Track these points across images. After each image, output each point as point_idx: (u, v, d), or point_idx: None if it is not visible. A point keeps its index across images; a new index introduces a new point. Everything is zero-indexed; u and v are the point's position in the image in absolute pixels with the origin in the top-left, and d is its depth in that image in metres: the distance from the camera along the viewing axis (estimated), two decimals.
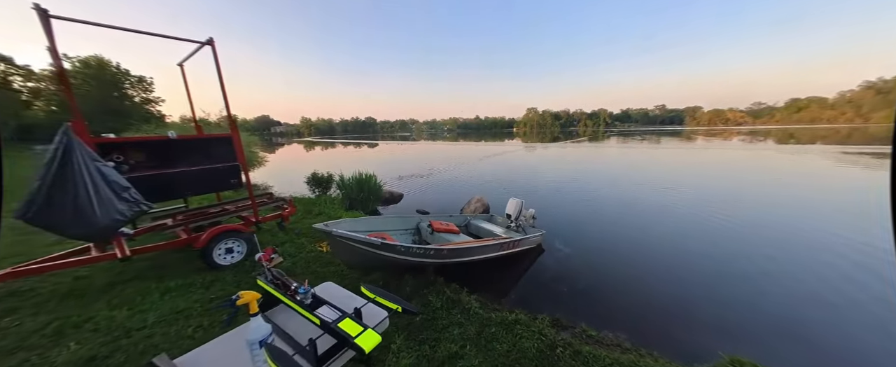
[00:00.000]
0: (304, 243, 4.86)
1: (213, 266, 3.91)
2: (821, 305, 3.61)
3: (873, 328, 3.18)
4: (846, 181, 10.64)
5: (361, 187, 7.81)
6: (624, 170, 14.48)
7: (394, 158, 22.43)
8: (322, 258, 4.30)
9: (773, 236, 5.85)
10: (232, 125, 4.33)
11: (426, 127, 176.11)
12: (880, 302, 3.62)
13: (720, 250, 5.31)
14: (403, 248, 3.43)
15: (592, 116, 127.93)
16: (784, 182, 10.65)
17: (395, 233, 4.91)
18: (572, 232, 6.16)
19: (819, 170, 13.06)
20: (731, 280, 4.22)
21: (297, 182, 10.49)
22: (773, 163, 15.47)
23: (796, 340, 3.02)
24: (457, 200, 8.80)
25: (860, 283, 4.06)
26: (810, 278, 4.27)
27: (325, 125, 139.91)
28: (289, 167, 18.99)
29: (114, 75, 23.94)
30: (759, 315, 3.41)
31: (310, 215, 6.61)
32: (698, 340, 2.92)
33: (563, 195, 9.49)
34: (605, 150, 26.14)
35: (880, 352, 2.90)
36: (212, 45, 3.98)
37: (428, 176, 13.89)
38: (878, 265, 4.50)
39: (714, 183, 10.81)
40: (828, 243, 5.45)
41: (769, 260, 4.82)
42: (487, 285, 4.13)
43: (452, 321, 2.88)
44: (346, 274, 3.82)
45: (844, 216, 6.74)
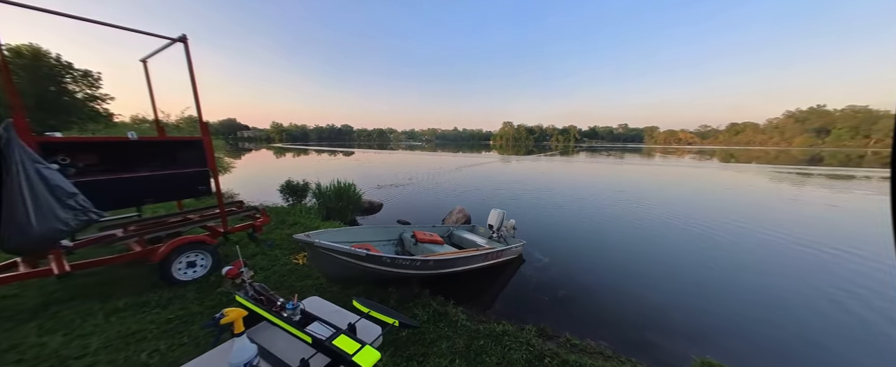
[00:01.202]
0: (278, 254, 4.56)
1: (172, 282, 3.52)
2: (784, 309, 4.02)
3: (811, 312, 3.60)
4: (789, 196, 12.14)
5: (340, 196, 7.54)
6: (595, 183, 15.38)
7: (372, 167, 21.99)
8: (298, 271, 4.04)
9: (735, 245, 6.46)
10: (203, 128, 4.03)
11: (404, 137, 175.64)
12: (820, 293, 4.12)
13: (687, 257, 5.76)
14: (389, 259, 3.34)
15: (563, 132, 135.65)
16: (739, 195, 11.90)
17: (377, 244, 4.78)
18: (550, 242, 6.37)
19: (763, 187, 14.79)
20: (696, 285, 4.57)
21: (269, 190, 9.91)
22: (723, 180, 17.27)
23: (746, 336, 3.32)
24: (438, 209, 8.78)
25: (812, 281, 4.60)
26: (774, 285, 4.74)
27: (298, 131, 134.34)
28: (259, 174, 17.89)
29: (52, 67, 21.31)
30: (723, 318, 3.71)
31: (284, 225, 6.23)
32: (671, 343, 3.10)
33: (539, 206, 9.82)
34: (575, 164, 27.65)
35: (813, 330, 3.27)
36: (184, 42, 3.73)
37: (408, 185, 13.76)
38: (822, 265, 5.13)
39: (676, 196, 11.82)
40: (800, 253, 6.12)
41: (732, 267, 5.31)
42: (472, 296, 4.12)
43: (440, 334, 2.82)
44: (326, 288, 3.62)
45: (800, 227, 7.64)
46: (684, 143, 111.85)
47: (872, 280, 4.78)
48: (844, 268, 5.26)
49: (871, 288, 4.52)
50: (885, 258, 5.62)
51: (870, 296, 4.29)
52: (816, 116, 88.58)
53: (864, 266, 5.32)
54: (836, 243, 6.48)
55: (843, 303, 4.10)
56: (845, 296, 4.28)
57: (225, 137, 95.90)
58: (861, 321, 3.70)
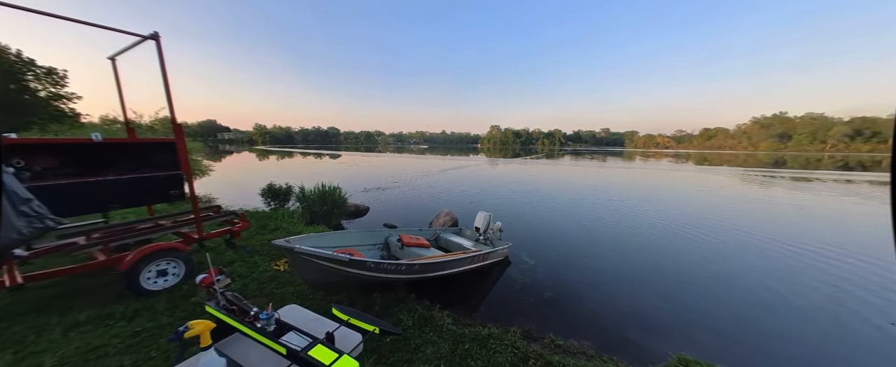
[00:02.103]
0: (258, 261, 4.39)
1: (141, 292, 3.32)
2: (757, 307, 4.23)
3: (773, 301, 3.81)
4: (758, 197, 12.87)
5: (324, 200, 7.38)
6: (579, 185, 15.77)
7: (359, 170, 21.67)
8: (279, 278, 3.90)
9: (710, 244, 6.76)
10: (177, 129, 3.85)
11: (392, 139, 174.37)
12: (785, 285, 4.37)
13: (664, 255, 5.98)
14: (373, 264, 3.28)
15: (549, 136, 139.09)
16: (713, 197, 12.51)
17: (362, 248, 4.69)
18: (536, 243, 6.46)
19: (734, 188, 15.61)
20: (673, 283, 4.74)
21: (250, 194, 9.56)
22: (698, 182, 18.11)
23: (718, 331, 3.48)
24: (425, 213, 8.74)
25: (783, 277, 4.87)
26: (748, 282, 4.99)
27: (281, 133, 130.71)
28: (240, 177, 17.24)
29: (12, 64, 19.86)
30: (697, 313, 3.87)
31: (265, 230, 6.02)
32: (649, 341, 3.20)
33: (525, 208, 9.96)
34: (560, 167, 28.29)
35: (769, 314, 3.46)
36: (157, 39, 3.57)
37: (395, 188, 13.64)
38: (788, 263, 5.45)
39: (656, 197, 12.28)
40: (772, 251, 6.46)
41: (705, 264, 5.55)
42: (459, 299, 4.10)
43: (425, 339, 2.79)
44: (308, 295, 3.51)
45: (770, 226, 8.08)
46: (662, 147, 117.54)
47: (839, 275, 5.12)
48: (812, 264, 5.61)
49: (836, 283, 4.84)
50: (851, 253, 6.05)
51: (835, 290, 4.59)
52: (779, 122, 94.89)
53: (831, 262, 5.69)
54: (803, 241, 6.91)
55: (810, 296, 4.37)
56: (812, 290, 4.57)
57: (204, 139, 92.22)
58: (824, 311, 3.95)
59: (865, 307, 4.10)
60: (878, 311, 3.99)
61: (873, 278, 5.03)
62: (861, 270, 5.35)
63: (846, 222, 8.80)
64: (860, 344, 3.34)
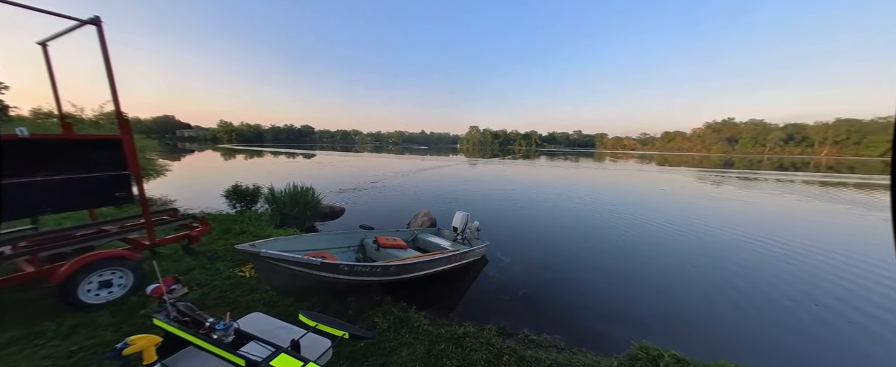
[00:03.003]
0: (220, 267, 4.10)
1: (79, 306, 2.97)
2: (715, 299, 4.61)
3: (720, 289, 4.21)
4: (712, 194, 14.10)
5: (296, 201, 7.04)
6: (554, 185, 16.39)
7: (335, 170, 20.96)
8: (244, 285, 3.67)
9: (671, 240, 7.29)
10: (123, 125, 3.49)
11: (370, 139, 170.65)
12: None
13: (629, 250, 6.37)
14: (346, 267, 3.18)
15: (526, 137, 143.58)
16: (674, 195, 13.52)
17: (336, 251, 4.54)
18: (512, 242, 6.62)
19: (692, 187, 17.00)
20: (637, 276, 5.07)
21: (213, 196, 8.90)
22: (660, 181, 19.52)
23: (677, 320, 3.78)
24: (403, 213, 8.64)
25: None
26: (706, 274, 5.42)
27: (250, 131, 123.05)
28: (202, 178, 16.01)
29: None
30: (656, 304, 4.17)
31: (229, 234, 5.63)
32: (615, 331, 3.39)
33: (502, 207, 10.17)
34: (537, 167, 29.24)
35: (717, 303, 3.83)
36: (98, 25, 3.22)
37: (372, 189, 13.35)
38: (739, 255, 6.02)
39: (624, 196, 13.06)
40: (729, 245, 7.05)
41: (664, 257, 5.98)
42: (436, 299, 4.10)
43: (401, 341, 2.75)
44: (277, 302, 3.33)
45: (724, 221, 8.85)
46: (628, 148, 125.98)
47: (779, 264, 5.74)
48: (757, 254, 6.24)
49: (776, 272, 5.42)
50: (790, 244, 6.80)
51: (776, 278, 5.14)
52: (728, 127, 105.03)
53: (773, 252, 6.37)
54: (750, 234, 7.67)
55: (754, 283, 4.86)
56: (757, 278, 5.08)
57: (160, 136, 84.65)
58: (765, 296, 4.41)
59: (799, 290, 4.63)
60: (808, 293, 4.53)
61: (808, 264, 5.71)
62: (798, 258, 6.05)
63: (787, 216, 9.91)
64: (789, 325, 3.77)
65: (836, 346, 3.39)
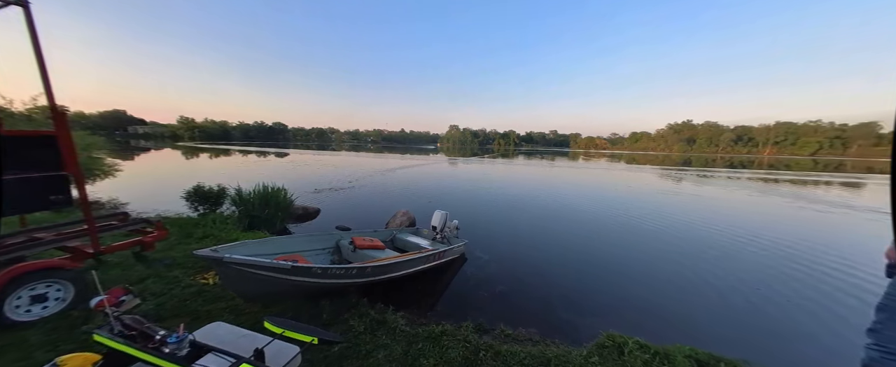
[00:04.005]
0: (180, 275, 3.79)
1: (7, 324, 2.62)
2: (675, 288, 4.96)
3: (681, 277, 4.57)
4: (672, 190, 15.21)
5: (266, 203, 6.68)
6: (531, 183, 16.88)
7: (310, 170, 20.13)
8: (207, 293, 3.42)
9: (637, 233, 7.75)
10: (58, 119, 3.11)
11: (348, 137, 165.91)
12: None
13: (598, 244, 6.71)
14: (320, 270, 3.07)
15: (504, 136, 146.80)
16: (640, 192, 14.41)
17: (309, 254, 4.36)
18: (490, 239, 6.73)
19: (655, 184, 18.24)
20: (605, 269, 5.35)
21: (172, 198, 8.22)
22: (628, 179, 20.74)
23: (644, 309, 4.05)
24: (382, 213, 8.49)
25: None
26: (669, 265, 5.81)
27: (216, 129, 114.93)
28: (159, 179, 14.70)
29: None
30: (622, 296, 4.43)
31: (190, 239, 5.23)
32: (585, 322, 3.56)
33: (481, 205, 10.31)
34: (515, 166, 29.94)
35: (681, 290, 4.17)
36: (25, 6, 2.84)
37: (349, 189, 12.98)
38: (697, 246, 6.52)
39: (595, 193, 13.73)
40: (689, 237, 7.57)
41: (629, 250, 6.36)
42: (414, 299, 4.07)
43: (378, 344, 2.70)
44: (244, 310, 3.14)
45: (683, 215, 9.53)
46: (600, 148, 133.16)
47: (733, 256, 6.30)
48: (710, 245, 6.81)
49: (727, 264, 5.95)
50: (738, 235, 7.48)
51: (728, 267, 5.64)
52: (687, 128, 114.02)
53: (723, 242, 6.98)
54: (705, 225, 8.35)
55: (707, 272, 5.31)
56: (713, 268, 5.55)
57: (109, 132, 76.88)
58: (717, 284, 4.84)
59: (744, 276, 5.13)
60: (751, 279, 5.03)
61: (752, 253, 6.33)
62: (744, 247, 6.69)
63: (736, 210, 10.92)
64: (734, 307, 4.17)
65: (774, 323, 3.79)
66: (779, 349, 3.33)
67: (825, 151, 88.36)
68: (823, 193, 16.09)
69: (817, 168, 37.37)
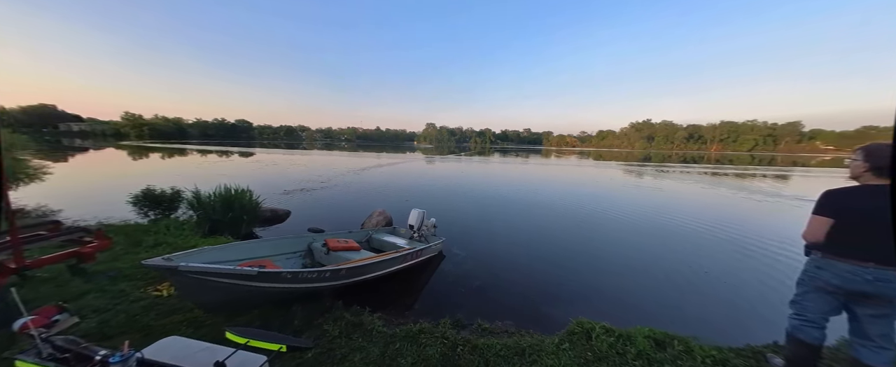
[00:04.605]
0: (127, 288, 3.43)
1: None
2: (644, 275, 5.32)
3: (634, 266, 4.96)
4: (633, 183, 16.34)
5: (230, 206, 6.22)
6: (506, 179, 17.30)
7: (279, 170, 19.05)
8: (160, 306, 3.13)
9: (603, 224, 8.23)
10: None
11: (320, 136, 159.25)
12: None
13: (568, 236, 7.05)
14: (289, 274, 2.93)
15: (480, 135, 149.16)
16: (605, 186, 15.31)
17: (279, 258, 4.15)
18: (468, 236, 6.82)
19: (620, 179, 19.50)
20: (575, 259, 5.64)
21: (116, 203, 7.39)
22: (594, 174, 21.99)
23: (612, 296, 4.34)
24: (357, 213, 8.26)
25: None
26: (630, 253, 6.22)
27: (169, 126, 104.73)
28: (101, 183, 13.11)
29: None
30: (593, 283, 4.71)
31: (139, 247, 4.74)
32: (556, 311, 3.74)
33: (458, 202, 10.40)
34: (492, 164, 30.53)
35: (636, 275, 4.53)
36: None
37: (322, 189, 12.48)
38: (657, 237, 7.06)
39: (566, 188, 14.38)
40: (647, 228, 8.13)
41: (596, 240, 6.76)
42: (392, 299, 4.02)
43: (353, 346, 2.64)
44: (205, 321, 2.91)
45: (643, 207, 10.24)
46: (570, 145, 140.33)
47: (685, 242, 6.90)
48: (668, 233, 7.42)
49: (681, 249, 6.52)
50: (693, 222, 8.20)
51: (682, 252, 6.17)
52: (647, 127, 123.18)
53: (682, 231, 7.63)
54: (664, 215, 9.08)
55: (665, 257, 5.79)
56: (669, 253, 6.05)
57: (36, 130, 67.36)
58: (676, 269, 5.29)
59: (696, 260, 5.66)
60: (701, 262, 5.56)
61: (702, 238, 7.00)
62: (696, 233, 7.37)
63: (690, 200, 11.99)
64: (689, 290, 4.60)
65: (719, 301, 4.24)
66: (724, 323, 3.73)
67: (760, 147, 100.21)
68: (760, 184, 18.18)
69: (754, 162, 42.12)
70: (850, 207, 1.91)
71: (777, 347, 2.71)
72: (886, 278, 1.80)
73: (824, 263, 2.02)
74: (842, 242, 1.93)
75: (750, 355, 2.64)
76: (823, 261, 2.02)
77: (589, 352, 2.60)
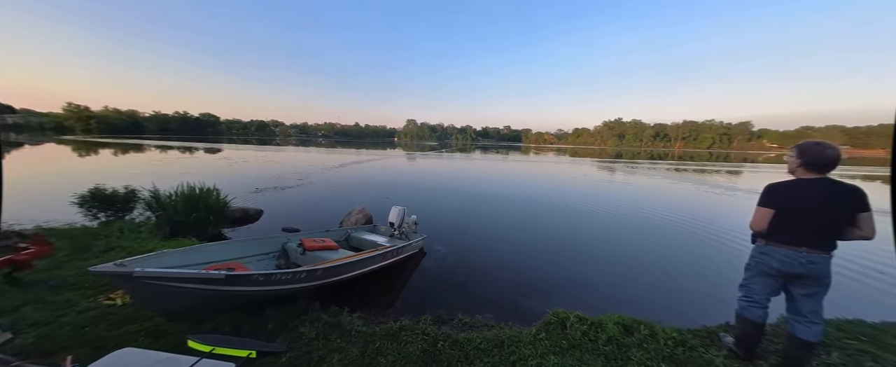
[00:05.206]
0: (73, 298, 3.10)
1: None
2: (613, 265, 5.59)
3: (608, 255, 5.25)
4: (606, 179, 17.16)
5: (194, 206, 5.79)
6: (487, 176, 17.52)
7: (250, 167, 18.01)
8: (114, 316, 2.86)
9: (577, 217, 8.57)
10: None
11: (295, 131, 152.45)
12: None
13: (545, 230, 7.29)
14: (261, 277, 2.78)
15: (462, 131, 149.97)
16: (582, 182, 15.95)
17: (250, 260, 3.94)
18: (449, 232, 6.84)
19: (595, 175, 20.40)
20: (552, 252, 5.85)
21: (57, 205, 6.65)
22: (570, 171, 22.85)
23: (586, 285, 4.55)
24: (335, 212, 8.02)
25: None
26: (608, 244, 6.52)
27: (121, 119, 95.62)
28: (39, 182, 11.69)
29: None
30: (569, 275, 4.91)
31: (87, 253, 4.30)
32: (534, 302, 3.86)
33: (439, 198, 10.39)
34: (473, 161, 30.80)
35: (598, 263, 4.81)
36: None
37: (298, 187, 11.97)
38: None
39: (544, 183, 14.81)
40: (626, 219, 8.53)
41: (568, 233, 7.04)
42: (372, 298, 3.96)
43: (331, 348, 2.56)
44: (166, 330, 2.70)
45: (615, 200, 10.76)
46: (548, 142, 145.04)
47: (654, 234, 7.35)
48: (637, 226, 7.88)
49: (649, 241, 6.94)
50: (659, 217, 8.75)
51: (649, 244, 6.58)
52: (618, 125, 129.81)
53: (650, 223, 8.12)
54: (637, 208, 9.63)
55: (636, 248, 6.15)
56: (638, 245, 6.43)
57: None
58: (643, 259, 5.64)
59: (663, 252, 6.07)
60: (669, 252, 5.97)
61: (670, 231, 7.50)
62: (664, 224, 7.89)
63: (657, 194, 12.80)
64: (654, 277, 4.93)
65: (681, 287, 4.59)
66: (685, 307, 4.04)
67: (717, 144, 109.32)
68: (718, 179, 19.79)
69: (712, 159, 45.77)
70: (787, 198, 2.13)
71: (728, 326, 2.97)
72: (816, 260, 2.03)
73: (767, 249, 2.23)
74: (781, 230, 2.15)
75: (705, 335, 2.87)
76: (767, 247, 2.24)
77: (564, 340, 2.71)
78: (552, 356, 2.51)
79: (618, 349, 2.59)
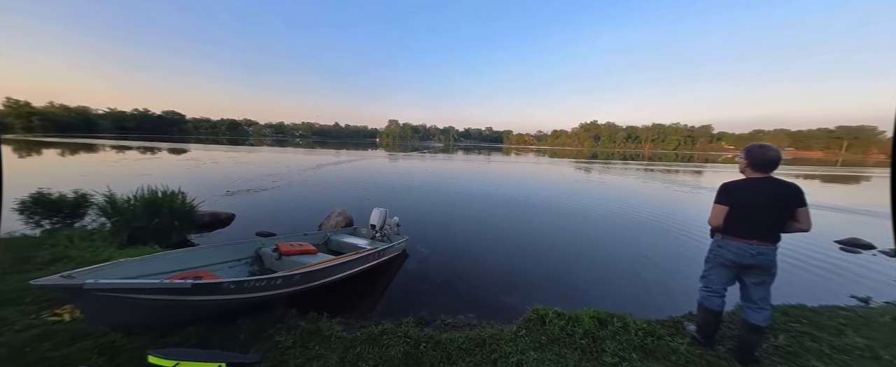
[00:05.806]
0: (12, 315, 2.78)
1: None
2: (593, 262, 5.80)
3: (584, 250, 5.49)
4: (584, 179, 17.85)
5: (156, 211, 5.39)
6: (469, 176, 17.68)
7: (220, 169, 16.99)
8: (61, 333, 2.59)
9: (557, 216, 8.85)
10: None
11: (270, 131, 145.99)
12: None
13: (527, 229, 7.47)
14: (232, 285, 2.64)
15: (444, 132, 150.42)
16: (561, 182, 16.48)
17: (220, 267, 3.72)
18: (432, 233, 6.83)
19: (572, 175, 21.16)
20: (532, 251, 6.01)
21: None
22: (550, 171, 23.59)
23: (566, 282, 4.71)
24: (314, 215, 7.77)
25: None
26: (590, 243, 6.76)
27: (69, 116, 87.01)
28: None
29: None
30: (547, 273, 5.06)
31: (28, 265, 3.87)
32: (515, 300, 3.94)
33: (422, 200, 10.35)
34: (456, 162, 30.94)
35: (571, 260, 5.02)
36: None
37: (273, 189, 11.46)
38: None
39: (525, 184, 15.17)
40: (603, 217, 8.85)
41: (549, 232, 7.26)
42: (353, 302, 3.87)
43: (310, 356, 2.48)
44: (124, 346, 2.48)
45: (591, 200, 11.19)
46: (528, 143, 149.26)
47: (629, 230, 7.73)
48: (613, 222, 8.26)
49: (624, 237, 7.30)
50: (633, 212, 9.21)
51: (624, 240, 6.91)
52: (594, 127, 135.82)
53: (624, 220, 8.54)
54: (610, 206, 10.08)
55: (610, 245, 6.44)
56: (614, 241, 6.74)
57: None
58: (623, 257, 5.92)
59: (635, 246, 6.41)
60: (641, 248, 6.31)
61: (643, 227, 7.93)
62: (636, 221, 8.33)
63: (629, 192, 13.49)
64: (627, 272, 5.20)
65: (651, 281, 4.87)
66: (653, 300, 4.29)
67: (682, 146, 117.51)
68: (685, 178, 21.22)
69: (678, 160, 48.94)
70: (739, 195, 2.34)
71: (691, 316, 3.20)
72: (765, 251, 2.25)
73: (723, 242, 2.43)
74: (734, 224, 2.35)
75: (671, 324, 3.07)
76: (723, 241, 2.44)
77: (543, 336, 2.79)
78: (532, 351, 2.58)
79: (593, 342, 2.71)
